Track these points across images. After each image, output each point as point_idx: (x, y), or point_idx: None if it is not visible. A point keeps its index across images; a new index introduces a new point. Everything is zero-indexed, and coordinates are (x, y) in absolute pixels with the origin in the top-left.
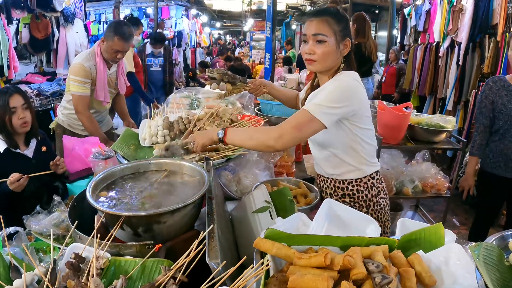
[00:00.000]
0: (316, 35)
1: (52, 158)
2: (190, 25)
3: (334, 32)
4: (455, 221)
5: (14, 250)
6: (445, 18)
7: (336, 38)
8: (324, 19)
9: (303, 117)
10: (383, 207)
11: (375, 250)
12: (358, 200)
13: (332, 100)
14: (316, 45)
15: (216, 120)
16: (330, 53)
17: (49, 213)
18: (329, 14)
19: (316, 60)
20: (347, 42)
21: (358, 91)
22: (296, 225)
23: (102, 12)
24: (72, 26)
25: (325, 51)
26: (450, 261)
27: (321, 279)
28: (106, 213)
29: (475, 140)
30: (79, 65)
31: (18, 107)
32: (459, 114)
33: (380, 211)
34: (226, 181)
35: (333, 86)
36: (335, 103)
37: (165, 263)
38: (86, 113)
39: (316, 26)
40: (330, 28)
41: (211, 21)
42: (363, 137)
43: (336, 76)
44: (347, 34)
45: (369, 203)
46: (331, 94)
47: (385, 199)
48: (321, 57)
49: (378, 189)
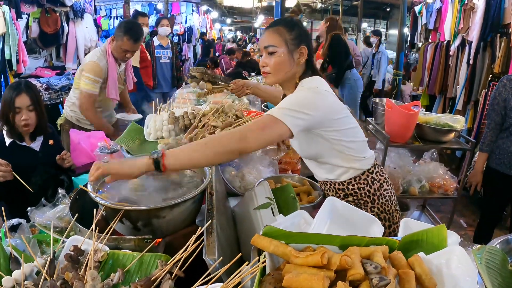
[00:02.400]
0: (267, 47)
1: (59, 152)
2: (201, 21)
3: (285, 41)
4: (462, 222)
5: (16, 242)
6: (456, 16)
7: (288, 47)
8: (274, 30)
9: (267, 119)
10: (389, 198)
11: (374, 250)
12: (362, 197)
13: (295, 104)
14: (268, 57)
15: (221, 115)
16: (282, 63)
17: (53, 206)
18: (280, 24)
19: (270, 72)
20: (303, 50)
21: (321, 97)
22: (298, 223)
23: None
24: (81, 21)
25: (277, 61)
26: (452, 264)
27: (317, 278)
28: (106, 206)
29: (485, 137)
30: (95, 63)
31: (23, 108)
32: (468, 114)
33: (386, 203)
34: (229, 177)
35: (295, 95)
36: (298, 107)
37: (162, 257)
38: (92, 110)
39: (267, 38)
40: (280, 38)
41: (221, 17)
42: (344, 138)
43: (299, 86)
44: (302, 41)
45: (373, 198)
46: (293, 99)
47: (390, 190)
48: (273, 68)
49: (379, 182)
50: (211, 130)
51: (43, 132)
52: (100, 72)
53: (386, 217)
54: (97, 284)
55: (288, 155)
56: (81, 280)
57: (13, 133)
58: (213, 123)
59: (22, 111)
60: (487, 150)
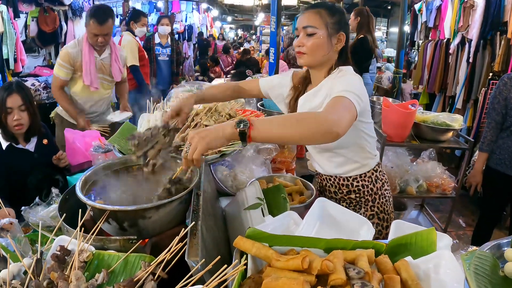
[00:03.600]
0: (306, 27)
1: (54, 151)
2: (201, 19)
3: (325, 24)
4: (461, 222)
5: (7, 241)
6: (456, 14)
7: (328, 30)
8: (316, 11)
9: (346, 102)
10: (388, 198)
11: (359, 254)
12: (364, 195)
13: (355, 89)
14: (306, 37)
15: (214, 115)
16: (319, 46)
17: (48, 205)
18: (323, 6)
19: (306, 52)
20: (341, 37)
21: (364, 87)
22: (287, 224)
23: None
24: (80, 20)
25: (315, 43)
26: (440, 269)
27: (296, 283)
28: (92, 206)
29: (485, 136)
30: (64, 50)
31: (15, 108)
32: (468, 112)
33: (385, 203)
34: (222, 176)
35: (349, 79)
36: (358, 92)
37: (146, 258)
38: (58, 92)
39: (307, 18)
40: (321, 20)
41: (222, 15)
42: (367, 131)
43: (338, 72)
44: (341, 28)
45: (374, 197)
46: (350, 83)
47: (389, 191)
48: (310, 49)
49: (382, 182)
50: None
51: (36, 133)
52: (67, 57)
53: (384, 217)
54: (81, 284)
55: (282, 154)
56: (66, 280)
57: (7, 135)
58: (206, 122)
59: (13, 111)
60: (487, 150)
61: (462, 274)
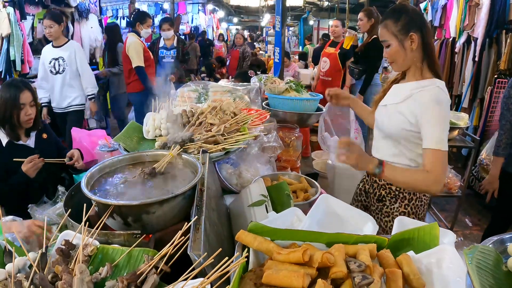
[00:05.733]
0: (383, 41)
1: (54, 145)
2: (207, 20)
3: (393, 34)
4: (467, 221)
5: (13, 236)
6: (461, 13)
7: (398, 37)
8: (384, 25)
9: (441, 156)
10: (424, 204)
11: (361, 248)
12: (402, 191)
13: (446, 126)
14: (386, 50)
15: (219, 113)
16: (395, 54)
17: (54, 203)
18: (388, 17)
19: (392, 62)
20: (413, 37)
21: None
22: (290, 220)
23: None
24: (86, 21)
25: (391, 53)
26: (443, 264)
27: (297, 275)
28: (97, 202)
29: (500, 139)
30: None
31: (27, 104)
32: (474, 111)
33: (420, 207)
34: (227, 174)
35: (440, 113)
36: (447, 125)
37: (150, 252)
38: None
39: (381, 33)
40: (388, 32)
41: (228, 16)
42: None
43: (429, 84)
44: (410, 28)
45: (412, 196)
46: (444, 122)
47: (427, 198)
48: (391, 58)
49: None
50: (208, 128)
51: (37, 127)
52: None
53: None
54: (85, 277)
55: (287, 153)
56: (70, 274)
57: (13, 130)
58: (211, 121)
59: (26, 106)
60: (503, 154)
61: (465, 268)
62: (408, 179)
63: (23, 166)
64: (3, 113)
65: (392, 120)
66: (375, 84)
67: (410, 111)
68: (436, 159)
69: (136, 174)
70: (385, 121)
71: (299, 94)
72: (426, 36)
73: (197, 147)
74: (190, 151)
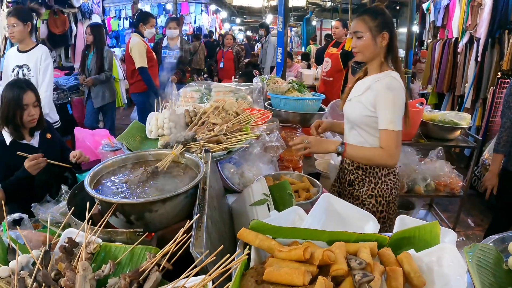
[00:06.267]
0: (356, 32)
1: (58, 145)
2: (210, 21)
3: (369, 28)
4: (470, 222)
5: (16, 234)
6: (463, 13)
7: (372, 33)
8: (361, 18)
9: (393, 136)
10: (390, 188)
11: (362, 246)
12: (368, 175)
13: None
14: (357, 40)
15: (222, 113)
16: (366, 46)
17: (57, 202)
18: (367, 12)
19: (358, 52)
20: (385, 35)
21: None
22: (292, 219)
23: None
24: (89, 22)
25: (362, 44)
26: (443, 262)
27: (298, 273)
28: (100, 200)
29: (500, 137)
30: None
31: (30, 104)
32: (477, 112)
33: (386, 190)
34: (229, 174)
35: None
36: (398, 109)
37: (152, 250)
38: None
39: (355, 25)
40: (365, 26)
41: (231, 16)
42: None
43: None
44: (384, 27)
45: (377, 180)
46: (394, 105)
47: (394, 182)
48: (361, 49)
49: (388, 170)
50: (210, 127)
51: (41, 127)
52: None
53: (381, 202)
54: (88, 274)
55: (290, 153)
56: (73, 271)
57: (17, 130)
58: (213, 121)
59: (29, 107)
60: (503, 151)
61: (465, 267)
62: (367, 155)
63: (26, 162)
64: (6, 113)
65: (355, 110)
66: None
67: (369, 100)
68: (389, 137)
69: (139, 173)
70: (350, 112)
71: (301, 94)
72: (394, 38)
73: (199, 147)
74: (193, 150)
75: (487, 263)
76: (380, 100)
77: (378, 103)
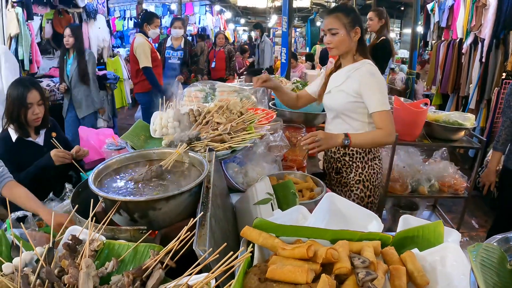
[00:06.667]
0: (330, 29)
1: (62, 144)
2: (214, 21)
3: (344, 24)
4: (473, 223)
5: (20, 231)
6: (468, 13)
7: (346, 29)
8: (335, 16)
9: (386, 115)
10: (376, 173)
11: (365, 245)
12: (355, 161)
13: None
14: (331, 36)
15: (226, 112)
16: (342, 41)
17: (61, 200)
18: (339, 10)
19: (333, 47)
20: (357, 30)
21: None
22: (296, 218)
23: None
24: (94, 22)
25: (338, 40)
26: (447, 262)
27: (301, 270)
28: (104, 197)
29: (500, 135)
30: None
31: (34, 103)
32: (481, 113)
33: (373, 175)
34: (233, 173)
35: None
36: (384, 91)
37: (155, 248)
38: None
39: (330, 22)
40: (340, 22)
41: (235, 17)
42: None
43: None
44: (356, 23)
45: (364, 165)
46: (380, 88)
47: (379, 166)
48: (336, 45)
49: (374, 155)
50: (214, 127)
51: (46, 125)
52: None
53: (368, 187)
54: (91, 271)
55: (294, 153)
56: (76, 268)
57: (22, 128)
58: (217, 120)
59: (33, 105)
60: (501, 149)
61: (469, 266)
62: (371, 139)
63: (54, 150)
64: (11, 112)
65: (337, 99)
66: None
67: (352, 88)
68: (384, 118)
69: (143, 171)
70: (331, 102)
71: None
72: (363, 32)
73: (203, 146)
74: (197, 149)
75: (491, 263)
76: (365, 87)
77: (363, 90)
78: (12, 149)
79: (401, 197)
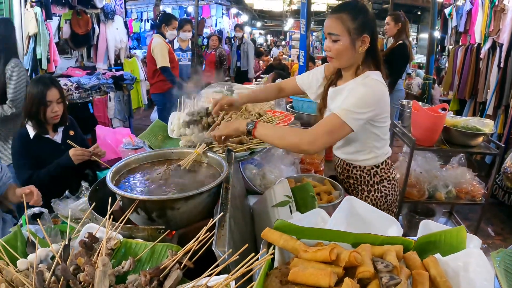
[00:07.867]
0: (330, 34)
1: (79, 142)
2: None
3: (348, 30)
4: (490, 231)
5: (36, 228)
6: (486, 18)
7: (351, 36)
8: (338, 17)
9: (335, 123)
10: (385, 195)
11: (388, 249)
12: (360, 184)
13: (361, 106)
14: (331, 42)
15: (244, 113)
16: (343, 51)
17: (77, 198)
18: (345, 10)
19: (333, 57)
20: (365, 39)
21: (383, 93)
22: (315, 221)
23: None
24: (112, 23)
25: (338, 49)
26: (470, 267)
27: (324, 274)
28: (122, 196)
29: None
30: None
31: (53, 101)
32: (499, 119)
33: (380, 199)
34: (250, 175)
35: (362, 92)
36: (364, 108)
37: (173, 248)
38: None
39: (330, 24)
40: (343, 27)
41: (252, 20)
42: (378, 133)
43: (362, 78)
44: (365, 29)
45: (370, 188)
46: (360, 100)
47: (389, 188)
48: (336, 54)
49: (381, 178)
50: None
51: (64, 123)
52: None
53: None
54: (107, 270)
55: (311, 156)
56: (92, 266)
57: (40, 126)
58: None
59: (52, 103)
60: None
61: (492, 272)
62: (280, 135)
63: (72, 150)
64: (30, 109)
65: None
66: (398, 89)
67: None
68: (327, 122)
69: (161, 171)
70: None
71: None
72: (375, 41)
73: (222, 147)
74: (215, 150)
75: None
76: (350, 93)
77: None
78: (30, 145)
79: (417, 203)
